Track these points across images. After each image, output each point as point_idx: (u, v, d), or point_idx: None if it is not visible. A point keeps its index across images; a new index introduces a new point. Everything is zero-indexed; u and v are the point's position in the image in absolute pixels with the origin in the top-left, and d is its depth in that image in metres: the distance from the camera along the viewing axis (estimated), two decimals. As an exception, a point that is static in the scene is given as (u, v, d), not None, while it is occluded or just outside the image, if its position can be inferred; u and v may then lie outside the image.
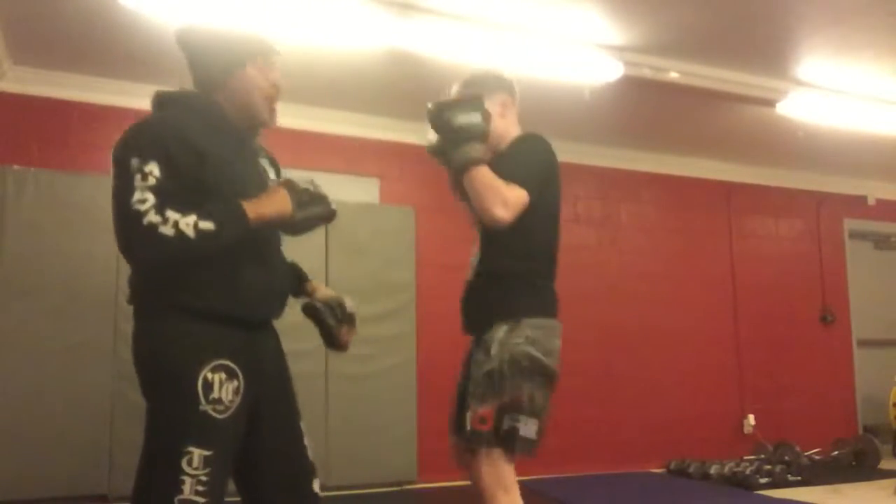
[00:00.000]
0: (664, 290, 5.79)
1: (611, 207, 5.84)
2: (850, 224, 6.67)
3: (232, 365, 1.68)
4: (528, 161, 2.07)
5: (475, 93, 2.08)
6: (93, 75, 4.34)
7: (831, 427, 6.00)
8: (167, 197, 1.59)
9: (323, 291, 2.07)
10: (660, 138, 5.60)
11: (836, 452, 5.61)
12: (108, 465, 3.95)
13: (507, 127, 2.20)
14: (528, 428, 1.94)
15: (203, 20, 1.90)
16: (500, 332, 1.99)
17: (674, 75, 4.27)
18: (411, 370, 4.82)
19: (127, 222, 1.61)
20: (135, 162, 1.63)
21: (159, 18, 3.53)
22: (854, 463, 5.51)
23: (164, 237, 1.56)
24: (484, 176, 1.94)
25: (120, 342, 4.01)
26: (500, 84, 2.23)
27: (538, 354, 1.97)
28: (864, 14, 3.69)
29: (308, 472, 1.89)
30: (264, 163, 1.94)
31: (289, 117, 4.76)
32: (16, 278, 3.94)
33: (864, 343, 6.53)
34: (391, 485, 4.66)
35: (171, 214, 1.57)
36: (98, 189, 4.17)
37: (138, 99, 4.48)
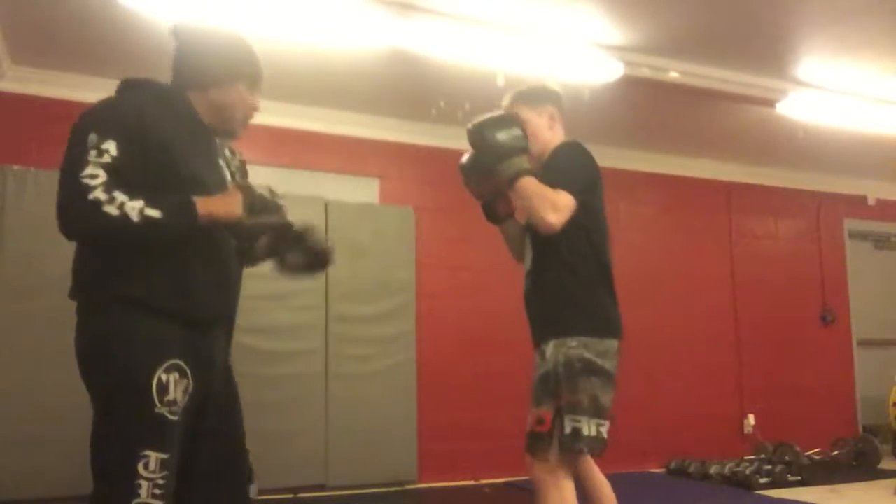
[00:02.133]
0: (664, 291, 5.79)
1: (610, 207, 5.76)
2: (850, 224, 6.67)
3: (183, 364, 1.64)
4: (569, 166, 2.15)
5: (509, 112, 2.21)
6: (93, 75, 4.33)
7: (831, 427, 6.00)
8: (118, 178, 1.56)
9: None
10: (660, 138, 5.60)
11: (836, 452, 5.61)
12: (108, 465, 3.95)
13: (553, 139, 2.30)
14: (593, 428, 2.01)
15: (204, 22, 1.91)
16: (554, 340, 2.08)
17: (674, 75, 4.27)
18: (411, 370, 4.82)
19: (72, 193, 1.56)
20: (92, 137, 1.60)
21: (159, 18, 3.53)
22: (854, 463, 5.51)
23: (106, 215, 1.52)
24: (532, 185, 2.02)
25: (120, 342, 4.01)
26: (548, 97, 2.34)
27: (591, 356, 2.04)
28: (864, 14, 3.69)
29: (245, 476, 1.86)
30: (230, 162, 1.92)
31: (289, 117, 4.79)
32: (16, 278, 3.94)
33: (864, 343, 6.53)
34: (391, 485, 4.65)
35: (119, 196, 1.53)
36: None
37: (138, 99, 4.53)
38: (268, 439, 4.06)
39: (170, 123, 1.69)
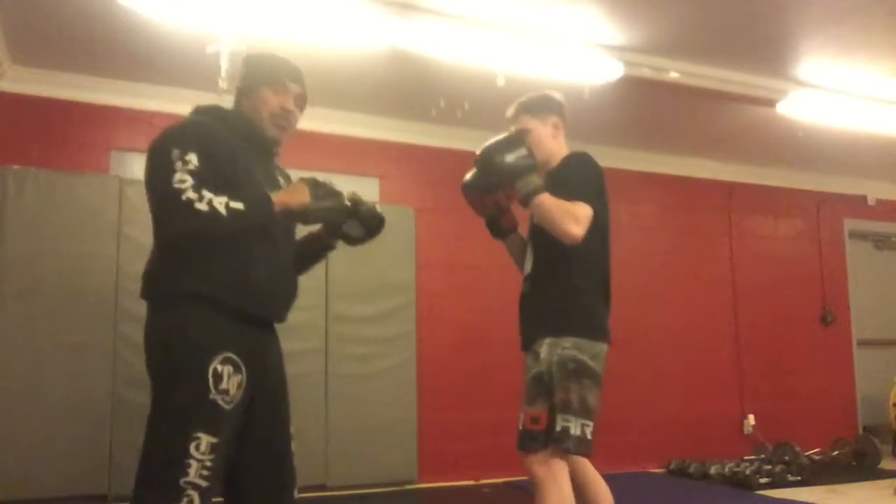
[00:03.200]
0: (664, 290, 5.79)
1: (611, 207, 5.81)
2: (850, 224, 6.67)
3: (238, 359, 1.75)
4: (583, 178, 2.23)
5: (515, 133, 2.29)
6: (93, 75, 4.34)
7: (831, 427, 6.00)
8: (203, 181, 1.71)
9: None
10: (660, 138, 5.60)
11: (836, 452, 5.61)
12: (108, 465, 3.95)
13: (557, 148, 2.39)
14: (579, 428, 2.06)
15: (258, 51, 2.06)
16: (548, 339, 2.12)
17: (674, 75, 4.27)
18: (411, 370, 4.82)
19: (166, 198, 1.72)
20: (176, 152, 1.74)
21: (159, 18, 3.53)
22: (854, 463, 5.51)
23: (199, 211, 1.68)
24: (550, 200, 2.10)
25: (120, 342, 4.01)
26: (552, 106, 2.41)
27: (583, 357, 2.10)
28: (863, 14, 3.69)
29: (291, 478, 1.93)
30: (280, 175, 2.07)
31: (289, 117, 4.78)
32: (16, 278, 3.94)
33: (864, 343, 6.53)
34: (391, 485, 4.65)
35: (206, 193, 1.69)
36: (98, 189, 4.17)
37: (138, 99, 4.54)
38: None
39: (235, 141, 1.88)
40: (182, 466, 1.64)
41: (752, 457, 5.48)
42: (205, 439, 1.67)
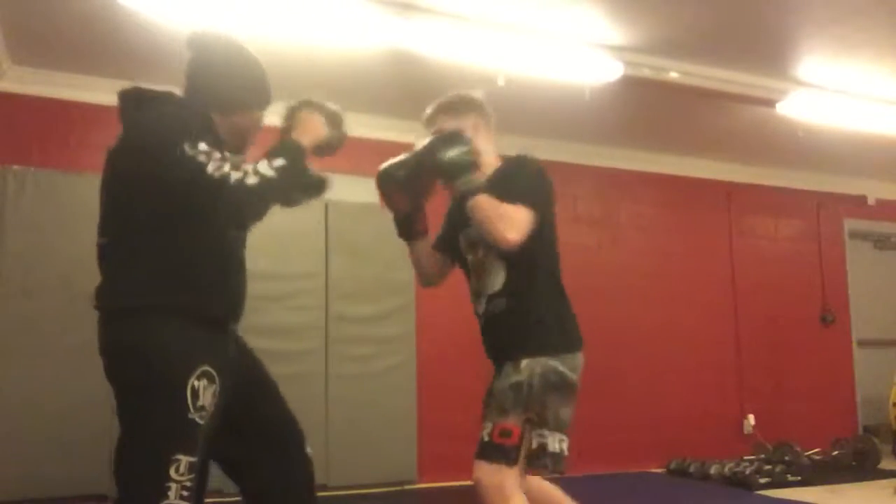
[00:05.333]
0: (664, 291, 5.79)
1: (610, 207, 5.83)
2: (850, 224, 6.67)
3: (211, 370, 1.69)
4: (527, 180, 2.10)
5: (455, 128, 2.16)
6: (93, 75, 4.33)
7: (831, 427, 5.99)
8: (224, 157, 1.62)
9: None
10: (660, 138, 5.60)
11: (836, 452, 5.60)
12: (108, 465, 3.94)
13: (483, 148, 2.24)
14: (556, 443, 1.96)
15: (219, 37, 1.92)
16: (528, 358, 2.01)
17: (674, 75, 4.27)
18: (411, 370, 4.82)
19: (216, 189, 1.58)
20: (187, 144, 1.60)
21: (159, 18, 3.53)
22: (854, 463, 5.50)
23: (251, 187, 1.59)
24: (488, 201, 1.98)
25: (120, 342, 4.01)
26: (470, 106, 2.29)
27: (564, 370, 2.00)
28: (864, 14, 3.69)
29: (298, 434, 1.94)
30: None
31: (289, 117, 4.78)
32: (16, 278, 3.94)
33: (864, 343, 6.53)
34: (391, 485, 4.65)
35: (245, 166, 1.62)
36: (98, 189, 4.17)
37: (138, 99, 4.53)
38: (268, 439, 4.06)
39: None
40: (162, 490, 1.61)
41: (752, 457, 5.47)
42: (184, 460, 1.63)
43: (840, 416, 6.26)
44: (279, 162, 1.67)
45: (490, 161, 2.22)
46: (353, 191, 4.98)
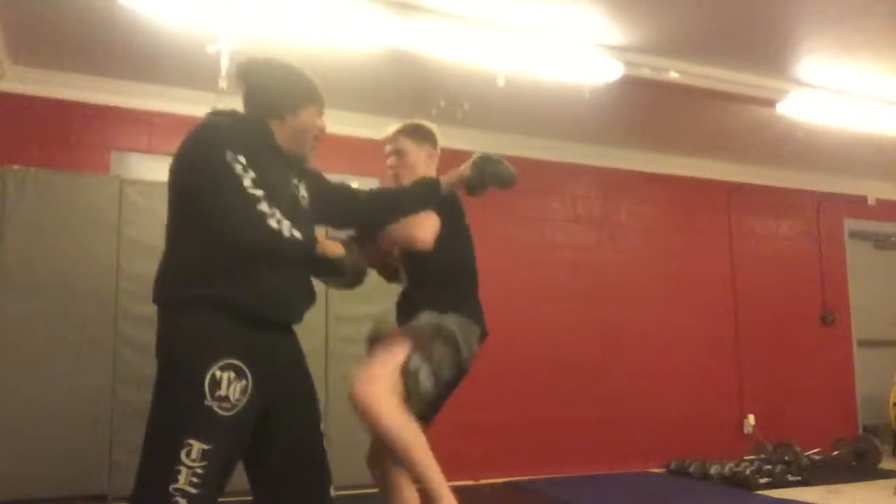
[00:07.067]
0: (664, 290, 5.79)
1: (611, 207, 5.83)
2: (850, 224, 6.67)
3: (241, 365, 1.73)
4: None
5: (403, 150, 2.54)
6: (93, 75, 4.34)
7: (831, 427, 6.00)
8: (267, 195, 1.74)
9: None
10: (660, 138, 5.60)
11: (836, 452, 5.61)
12: (108, 465, 3.95)
13: (426, 174, 2.46)
14: (427, 380, 2.15)
15: (262, 58, 2.03)
16: (428, 312, 2.25)
17: (674, 75, 4.27)
18: (411, 370, 4.81)
19: (238, 204, 1.71)
20: (229, 154, 1.73)
21: (159, 18, 3.53)
22: (854, 463, 5.51)
23: (270, 227, 1.71)
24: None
25: (120, 342, 4.01)
26: (427, 137, 2.58)
27: (457, 332, 2.22)
28: (864, 14, 3.69)
29: (324, 477, 1.94)
30: (301, 186, 2.04)
31: (289, 117, 4.79)
32: (16, 278, 3.93)
33: (864, 343, 6.53)
34: (391, 485, 4.65)
35: (276, 211, 1.73)
36: (98, 189, 4.17)
37: (138, 99, 4.53)
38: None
39: (253, 143, 1.85)
40: (172, 472, 1.64)
41: (752, 457, 5.47)
42: (196, 446, 1.65)
43: (840, 416, 6.26)
44: (297, 234, 1.77)
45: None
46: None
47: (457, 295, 2.37)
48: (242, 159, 1.72)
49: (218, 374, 1.69)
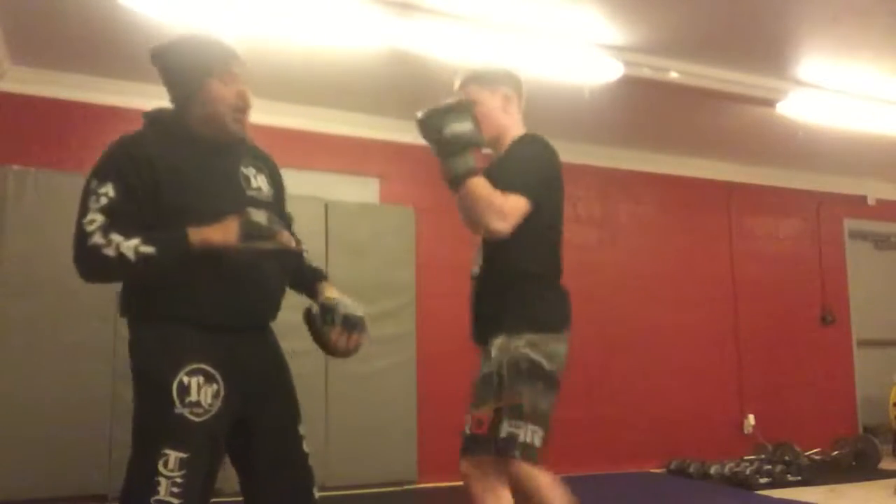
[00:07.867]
0: (664, 290, 5.79)
1: (611, 207, 5.83)
2: (850, 224, 6.67)
3: (209, 369, 1.70)
4: (528, 167, 2.01)
5: (465, 100, 2.05)
6: (93, 75, 4.34)
7: (831, 427, 6.00)
8: (117, 218, 1.68)
9: (327, 294, 1.98)
10: (660, 138, 5.60)
11: (836, 452, 5.61)
12: (107, 465, 3.95)
13: (510, 124, 2.16)
14: (528, 434, 1.88)
15: (174, 35, 1.90)
16: (501, 338, 1.95)
17: (674, 75, 4.27)
18: (411, 370, 4.82)
19: (77, 239, 1.72)
20: (93, 183, 1.73)
21: (159, 18, 3.53)
22: (854, 463, 5.50)
23: (105, 257, 1.66)
24: (479, 188, 1.90)
25: (119, 342, 4.00)
26: (503, 79, 2.18)
27: (538, 357, 1.92)
28: (863, 14, 3.69)
29: (306, 478, 1.90)
30: (249, 171, 1.90)
31: (289, 117, 4.78)
32: (16, 278, 3.94)
33: (864, 343, 6.52)
34: (391, 485, 4.66)
35: (115, 237, 1.66)
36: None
37: (138, 99, 4.50)
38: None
39: (172, 149, 1.78)
40: (152, 485, 1.62)
41: (752, 457, 5.47)
42: (173, 455, 1.63)
43: (840, 416, 6.26)
44: (147, 249, 1.66)
45: (513, 135, 2.14)
46: (353, 191, 4.99)
47: (531, 301, 2.00)
48: (106, 187, 1.69)
49: (186, 379, 1.67)
